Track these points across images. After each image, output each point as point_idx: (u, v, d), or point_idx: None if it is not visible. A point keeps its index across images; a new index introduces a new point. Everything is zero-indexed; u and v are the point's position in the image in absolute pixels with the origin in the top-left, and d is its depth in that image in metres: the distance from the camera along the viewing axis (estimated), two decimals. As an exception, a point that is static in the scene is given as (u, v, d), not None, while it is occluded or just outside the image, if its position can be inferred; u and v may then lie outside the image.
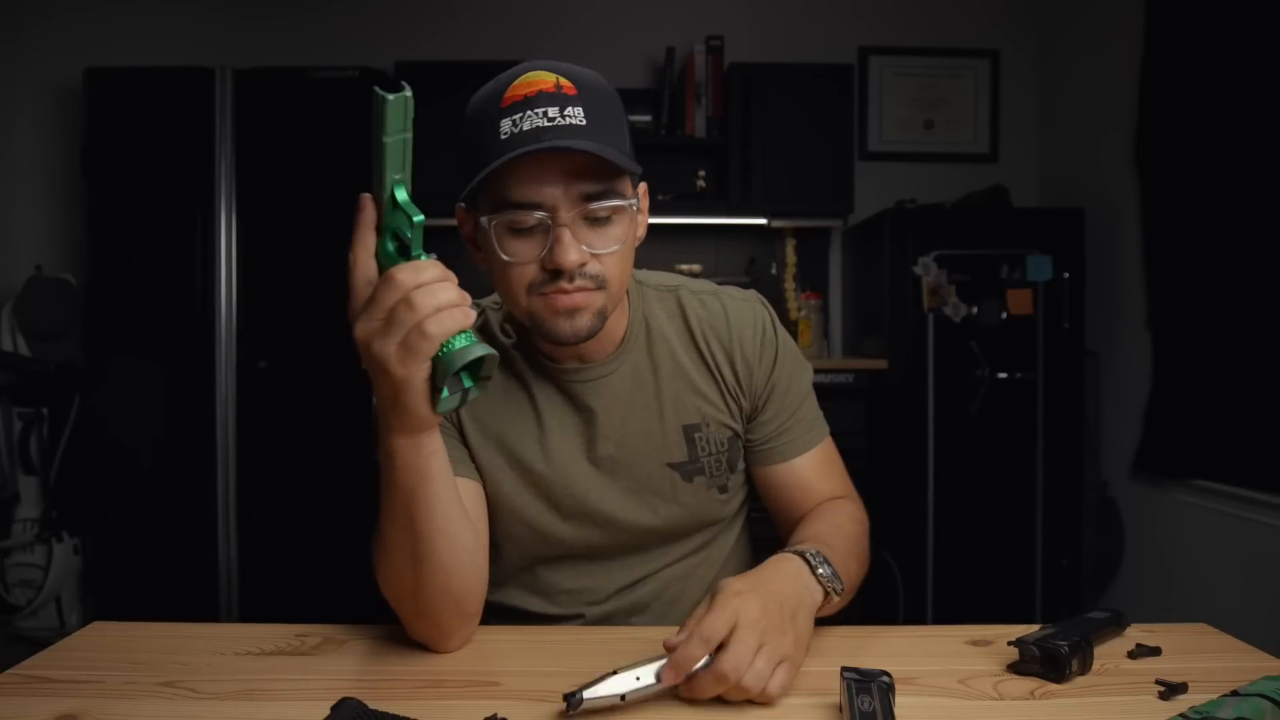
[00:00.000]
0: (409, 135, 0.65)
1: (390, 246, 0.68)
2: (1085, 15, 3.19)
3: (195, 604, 2.86)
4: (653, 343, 1.00)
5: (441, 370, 0.68)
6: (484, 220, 0.85)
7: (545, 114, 0.80)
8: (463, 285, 0.70)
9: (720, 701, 0.72)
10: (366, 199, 0.68)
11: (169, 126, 2.92)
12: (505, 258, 0.85)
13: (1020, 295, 2.84)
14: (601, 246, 0.85)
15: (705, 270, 3.32)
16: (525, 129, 0.80)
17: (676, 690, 0.72)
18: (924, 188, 3.31)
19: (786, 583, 0.79)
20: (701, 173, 3.35)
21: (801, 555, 0.82)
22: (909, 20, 3.51)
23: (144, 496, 2.89)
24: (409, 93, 0.63)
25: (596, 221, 0.85)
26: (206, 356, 2.90)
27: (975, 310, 2.84)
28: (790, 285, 3.47)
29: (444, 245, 3.35)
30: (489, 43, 3.38)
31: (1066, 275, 2.85)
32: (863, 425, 2.96)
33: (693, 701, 0.72)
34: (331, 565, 2.92)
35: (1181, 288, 2.55)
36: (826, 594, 0.81)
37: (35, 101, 3.31)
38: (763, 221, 3.29)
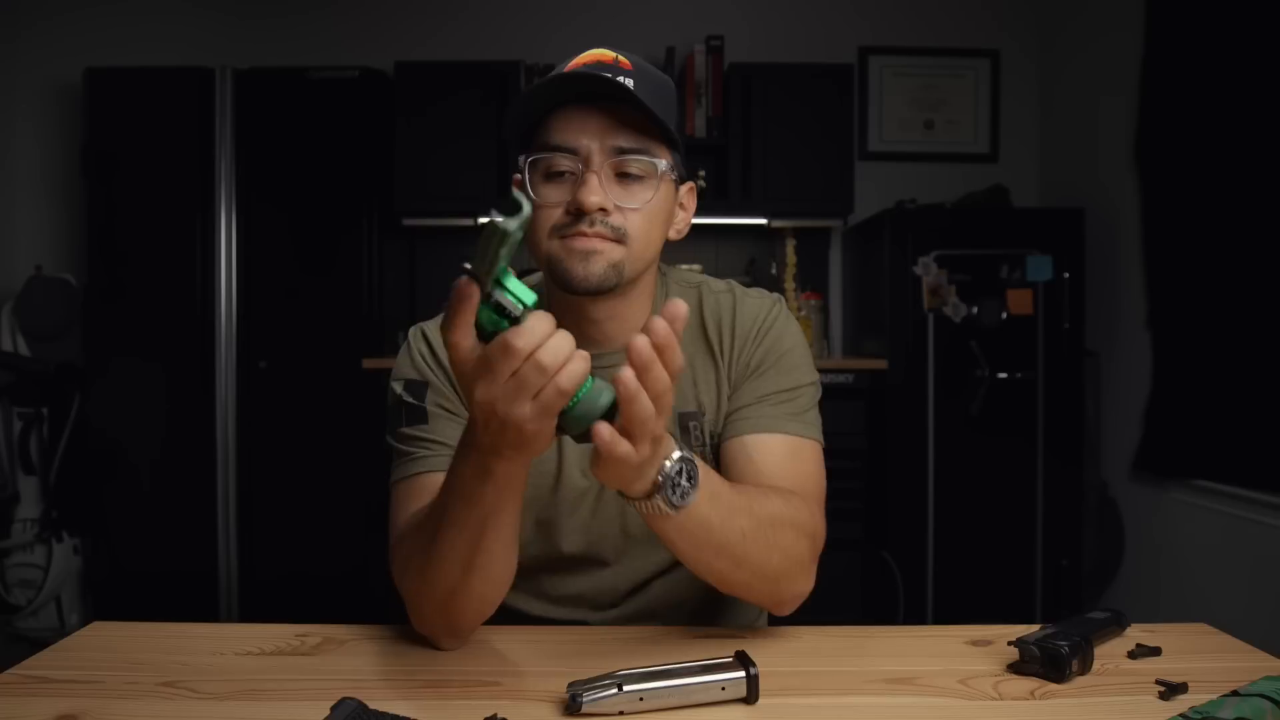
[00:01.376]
0: (521, 236, 0.65)
1: (490, 312, 0.66)
2: (1085, 15, 3.19)
3: (195, 603, 2.86)
4: None
5: (575, 423, 0.68)
6: (520, 159, 0.89)
7: (600, 75, 0.86)
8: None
9: (722, 704, 0.72)
10: (468, 284, 0.65)
11: (169, 126, 2.92)
12: (535, 199, 0.88)
13: (1020, 295, 2.84)
14: (627, 201, 0.88)
15: (705, 270, 3.30)
16: (578, 79, 0.86)
17: (678, 698, 0.71)
18: (924, 188, 3.31)
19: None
20: (701, 173, 3.35)
21: (676, 445, 0.73)
22: (909, 20, 3.51)
23: (144, 496, 2.89)
24: (528, 211, 0.62)
25: (626, 177, 0.88)
26: (206, 356, 2.90)
27: (975, 310, 2.84)
28: (790, 285, 3.47)
29: (444, 245, 3.37)
30: (489, 43, 3.38)
31: (1066, 275, 2.85)
32: (863, 425, 2.95)
33: (685, 705, 0.72)
34: (331, 566, 2.92)
35: (1181, 288, 2.54)
36: (650, 491, 0.72)
37: (35, 101, 3.31)
38: (763, 221, 3.29)
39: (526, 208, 0.61)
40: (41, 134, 3.31)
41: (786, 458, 0.94)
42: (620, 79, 0.85)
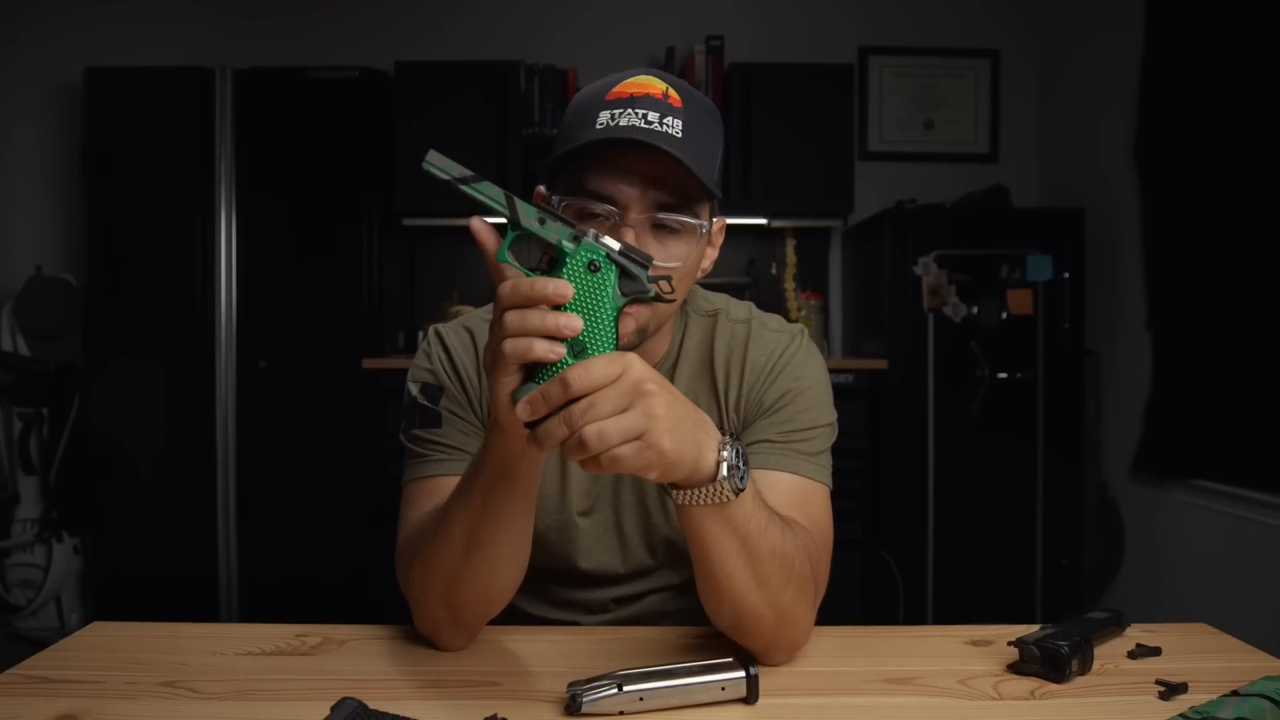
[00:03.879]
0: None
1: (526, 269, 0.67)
2: (1085, 15, 3.19)
3: (195, 604, 2.86)
4: (678, 366, 0.99)
5: None
6: (555, 200, 0.84)
7: (645, 116, 0.80)
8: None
9: (722, 704, 0.72)
10: (478, 224, 0.66)
11: (169, 126, 2.92)
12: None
13: (1020, 295, 2.84)
14: (662, 259, 0.82)
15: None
16: (621, 124, 0.80)
17: (678, 698, 0.71)
18: (924, 188, 3.31)
19: (693, 408, 0.71)
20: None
21: (733, 438, 0.72)
22: (909, 20, 3.51)
23: (144, 496, 2.89)
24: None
25: (663, 231, 0.83)
26: (206, 356, 2.90)
27: (975, 310, 2.84)
28: (790, 285, 3.47)
29: (444, 245, 3.37)
30: (489, 43, 3.38)
31: (1066, 275, 2.85)
32: (863, 425, 2.95)
33: (685, 705, 0.71)
34: (331, 566, 2.92)
35: (1181, 288, 2.54)
36: (716, 470, 0.70)
37: (35, 101, 3.31)
38: (763, 221, 3.29)
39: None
40: (41, 134, 3.31)
41: (796, 498, 0.89)
42: (668, 120, 0.80)
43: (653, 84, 0.83)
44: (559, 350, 0.63)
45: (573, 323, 0.64)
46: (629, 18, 3.46)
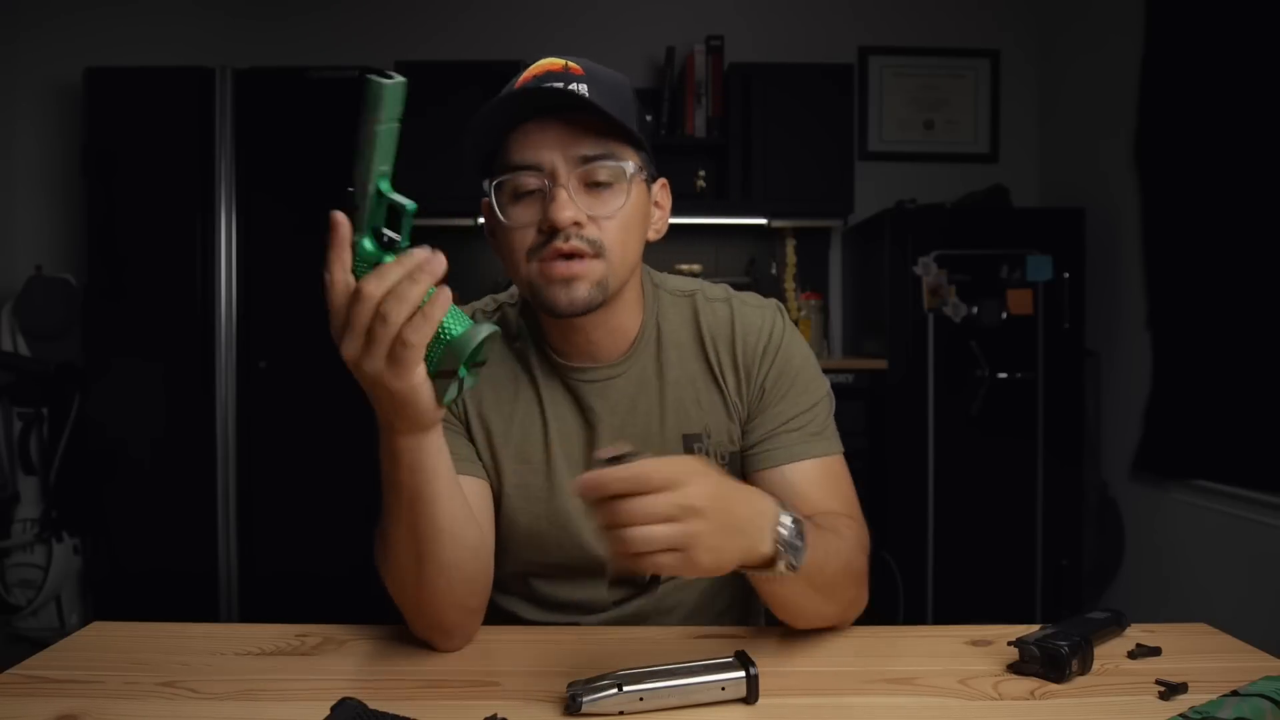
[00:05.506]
0: (398, 125, 0.63)
1: (370, 246, 0.65)
2: (1085, 15, 3.19)
3: (195, 603, 2.86)
4: (662, 348, 0.98)
5: (449, 362, 0.67)
6: (486, 184, 0.86)
7: (552, 87, 0.83)
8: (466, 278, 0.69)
9: (722, 704, 0.72)
10: (339, 216, 0.65)
11: (169, 126, 2.92)
12: (505, 221, 0.86)
13: (1020, 295, 2.84)
14: (599, 211, 0.86)
15: (705, 270, 3.32)
16: (529, 94, 0.83)
17: (678, 698, 0.71)
18: (924, 188, 3.31)
19: (747, 505, 0.72)
20: (701, 173, 3.35)
21: (781, 508, 0.75)
22: (909, 20, 3.51)
23: (144, 497, 2.89)
24: (402, 79, 0.62)
25: (596, 186, 0.86)
26: (206, 356, 2.90)
27: (975, 310, 2.84)
28: (790, 285, 3.47)
29: (444, 245, 3.36)
30: (489, 43, 3.38)
31: (1066, 275, 2.85)
32: (863, 425, 2.96)
33: (685, 705, 0.71)
34: (332, 566, 2.92)
35: (1181, 288, 2.54)
36: (774, 557, 0.72)
37: (35, 101, 3.31)
38: (763, 221, 3.29)
39: (399, 78, 0.61)
40: (41, 134, 3.31)
41: (824, 479, 0.94)
42: (573, 86, 0.83)
43: (553, 62, 0.86)
44: (447, 296, 0.65)
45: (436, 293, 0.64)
46: (629, 18, 3.46)
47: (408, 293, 0.63)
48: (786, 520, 0.73)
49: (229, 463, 2.90)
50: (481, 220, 0.95)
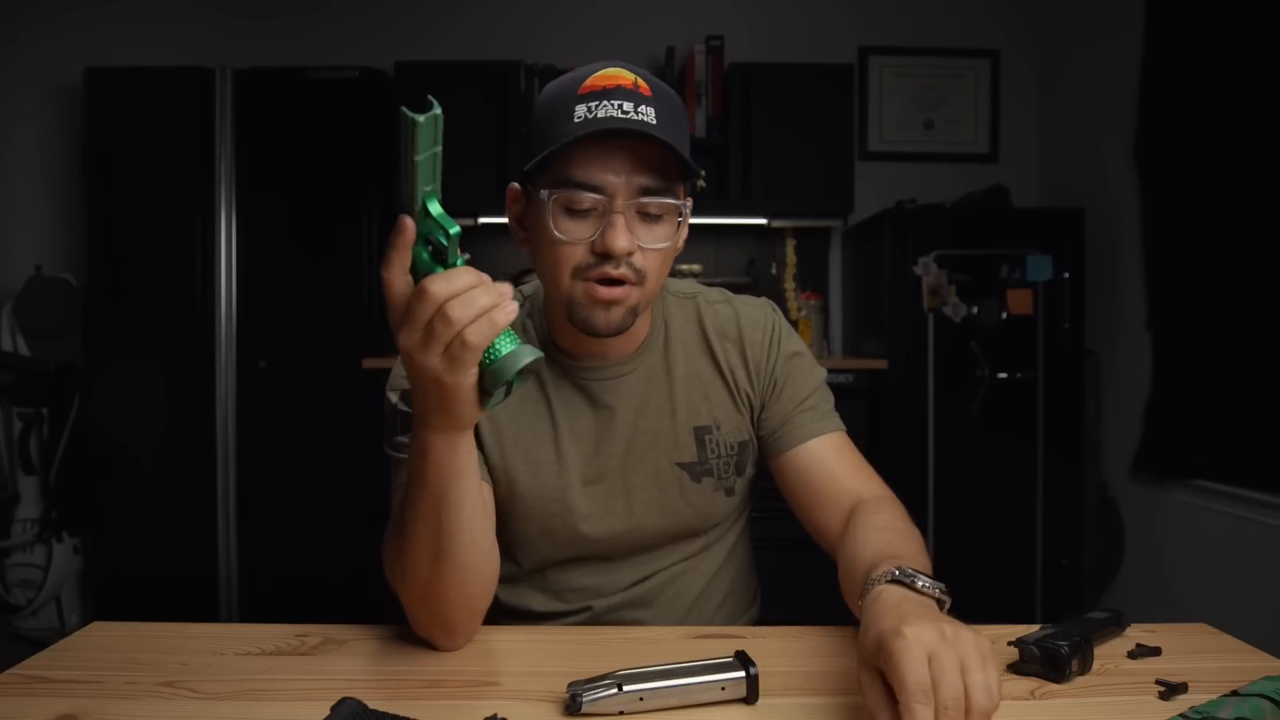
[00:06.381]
0: (439, 150, 0.66)
1: (425, 254, 0.68)
2: (1085, 15, 3.19)
3: (195, 603, 2.86)
4: (670, 346, 1.03)
5: (492, 380, 0.68)
6: (543, 194, 0.87)
7: (620, 106, 0.84)
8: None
9: (722, 704, 0.72)
10: (406, 221, 0.68)
11: (169, 126, 2.92)
12: (558, 234, 0.88)
13: (1020, 295, 2.84)
14: (648, 241, 0.89)
15: (705, 270, 3.32)
16: (600, 116, 0.84)
17: (678, 698, 0.71)
18: (924, 188, 3.31)
19: (914, 604, 0.70)
20: (701, 173, 3.34)
21: (895, 581, 0.75)
22: (909, 20, 3.51)
23: (144, 497, 2.89)
24: (438, 110, 0.63)
25: (648, 217, 0.88)
26: (206, 356, 2.90)
27: (975, 310, 2.84)
28: (790, 285, 3.47)
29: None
30: (489, 43, 3.38)
31: (1066, 275, 2.85)
32: (863, 425, 2.95)
33: (685, 705, 0.72)
34: (332, 566, 2.92)
35: (1181, 288, 2.54)
36: (940, 602, 0.73)
37: (35, 101, 3.31)
38: (763, 221, 3.29)
39: (437, 107, 0.63)
40: (41, 134, 3.31)
41: (842, 451, 1.01)
42: (641, 108, 0.85)
43: (622, 75, 0.87)
44: (511, 310, 0.67)
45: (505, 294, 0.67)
46: (629, 18, 3.46)
47: (478, 299, 0.65)
48: (906, 578, 0.75)
49: (229, 463, 2.90)
50: (506, 217, 0.99)
